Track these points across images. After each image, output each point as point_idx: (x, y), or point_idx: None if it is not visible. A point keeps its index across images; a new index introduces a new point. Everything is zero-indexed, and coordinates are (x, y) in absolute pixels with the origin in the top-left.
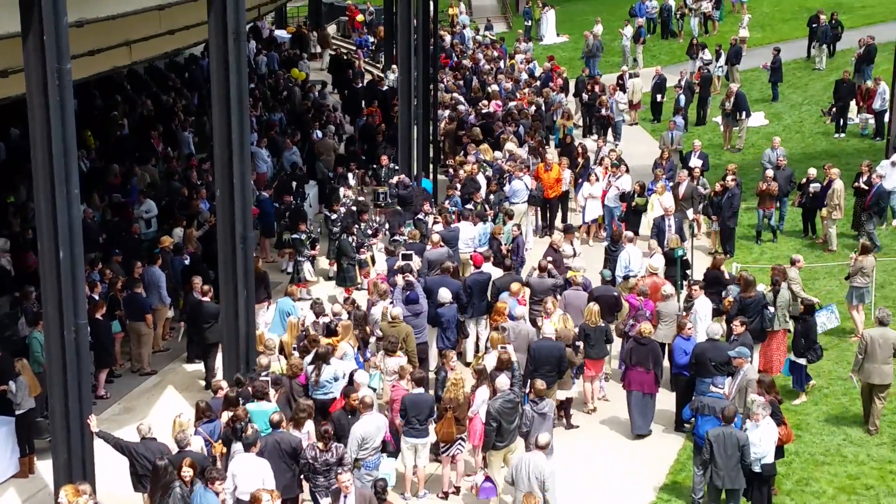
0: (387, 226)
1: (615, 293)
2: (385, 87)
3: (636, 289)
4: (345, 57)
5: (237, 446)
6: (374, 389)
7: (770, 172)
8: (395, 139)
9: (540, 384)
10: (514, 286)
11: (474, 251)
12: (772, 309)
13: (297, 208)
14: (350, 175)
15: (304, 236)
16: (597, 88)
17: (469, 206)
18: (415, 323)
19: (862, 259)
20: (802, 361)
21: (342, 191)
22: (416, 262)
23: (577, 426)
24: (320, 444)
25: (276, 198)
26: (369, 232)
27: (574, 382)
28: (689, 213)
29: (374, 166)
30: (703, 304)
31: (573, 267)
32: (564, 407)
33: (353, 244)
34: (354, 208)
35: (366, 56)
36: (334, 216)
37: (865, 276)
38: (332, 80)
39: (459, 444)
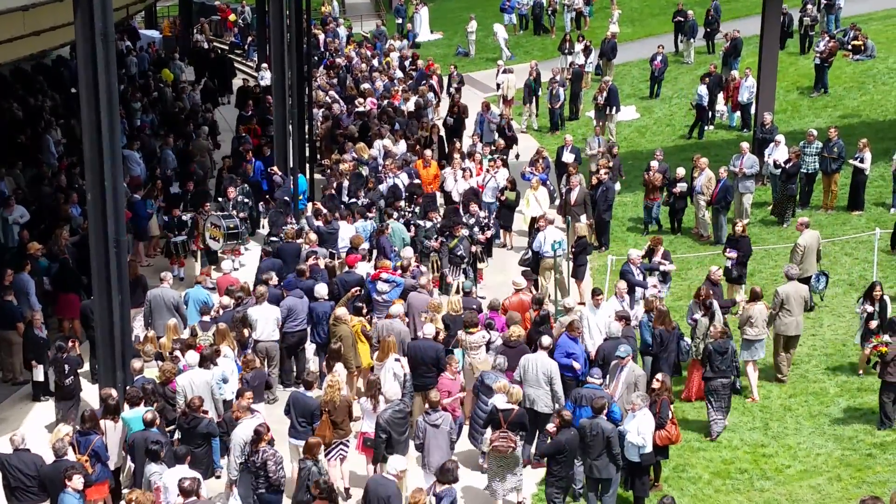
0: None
1: (474, 305)
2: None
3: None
4: (254, 91)
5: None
6: None
7: (654, 164)
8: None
9: (434, 395)
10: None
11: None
12: (688, 341)
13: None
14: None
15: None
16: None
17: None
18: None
19: (750, 307)
20: None
21: None
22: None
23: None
24: None
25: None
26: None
27: None
28: (583, 218)
29: (221, 199)
30: (605, 310)
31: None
32: None
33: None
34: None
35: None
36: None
37: (755, 327)
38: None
39: (342, 447)
